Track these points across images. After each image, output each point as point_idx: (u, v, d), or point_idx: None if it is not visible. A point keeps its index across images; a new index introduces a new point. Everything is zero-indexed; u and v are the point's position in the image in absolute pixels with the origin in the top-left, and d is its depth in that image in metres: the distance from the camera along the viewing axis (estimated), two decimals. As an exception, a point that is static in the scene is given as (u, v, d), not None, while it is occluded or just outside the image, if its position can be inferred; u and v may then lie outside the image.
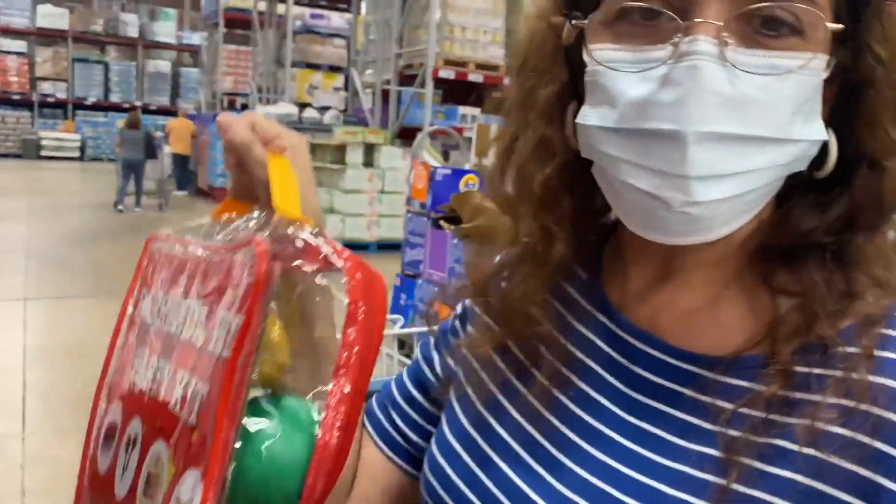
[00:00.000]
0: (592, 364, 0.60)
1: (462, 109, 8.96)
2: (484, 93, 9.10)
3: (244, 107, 15.67)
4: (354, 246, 8.58)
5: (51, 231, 8.58)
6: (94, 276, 6.61)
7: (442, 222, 4.17)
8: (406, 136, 8.96)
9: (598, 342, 0.60)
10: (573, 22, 0.54)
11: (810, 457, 0.48)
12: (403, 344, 1.97)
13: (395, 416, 0.72)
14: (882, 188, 0.51)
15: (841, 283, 0.52)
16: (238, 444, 0.44)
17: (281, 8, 12.96)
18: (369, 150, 8.58)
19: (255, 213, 0.54)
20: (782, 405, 0.50)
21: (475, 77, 8.29)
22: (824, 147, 0.51)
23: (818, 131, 0.50)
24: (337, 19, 13.20)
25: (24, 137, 19.33)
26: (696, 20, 0.47)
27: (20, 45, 20.46)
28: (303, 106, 11.74)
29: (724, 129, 0.47)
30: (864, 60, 0.50)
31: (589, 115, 0.52)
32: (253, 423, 0.46)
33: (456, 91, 9.16)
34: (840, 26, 0.49)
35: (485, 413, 0.62)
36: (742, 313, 0.55)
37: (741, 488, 0.49)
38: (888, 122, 0.51)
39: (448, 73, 8.10)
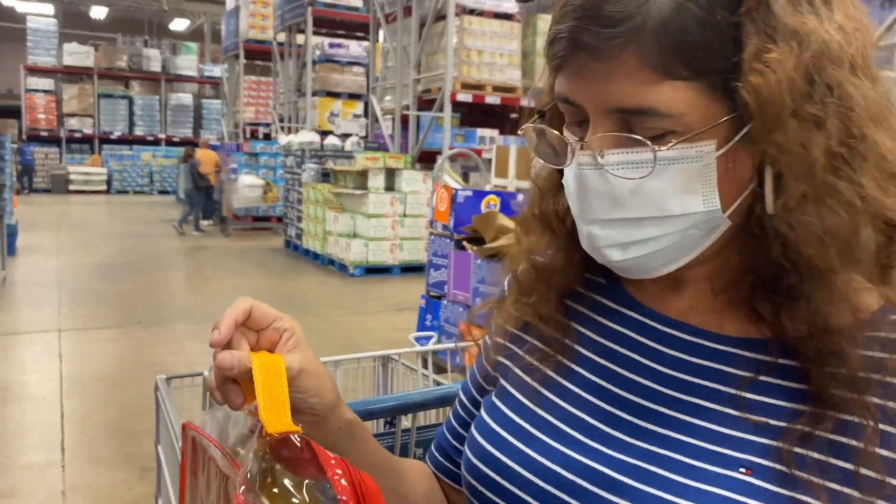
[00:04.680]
0: (628, 352, 0.67)
1: (480, 132, 9.05)
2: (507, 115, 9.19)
3: (266, 136, 15.91)
4: (378, 269, 8.68)
5: (81, 263, 8.76)
6: (124, 306, 6.75)
7: (465, 243, 4.23)
8: (426, 159, 9.07)
9: (630, 333, 0.67)
10: (539, 117, 0.68)
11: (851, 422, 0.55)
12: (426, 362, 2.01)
13: (449, 453, 0.81)
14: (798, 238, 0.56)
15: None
16: None
17: (300, 38, 13.20)
18: (390, 174, 8.69)
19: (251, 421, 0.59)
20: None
21: (492, 99, 8.38)
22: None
23: (707, 204, 0.58)
24: (355, 48, 13.40)
25: (53, 173, 19.77)
26: (579, 140, 0.61)
27: (48, 83, 20.99)
28: (324, 133, 11.91)
29: (607, 216, 0.60)
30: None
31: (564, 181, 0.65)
32: None
33: (474, 114, 9.26)
34: (698, 130, 0.56)
35: (528, 404, 0.69)
36: (747, 321, 0.63)
37: (796, 448, 0.56)
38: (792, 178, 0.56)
39: (466, 97, 8.20)
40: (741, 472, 0.56)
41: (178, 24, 24.95)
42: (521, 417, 0.68)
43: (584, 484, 0.61)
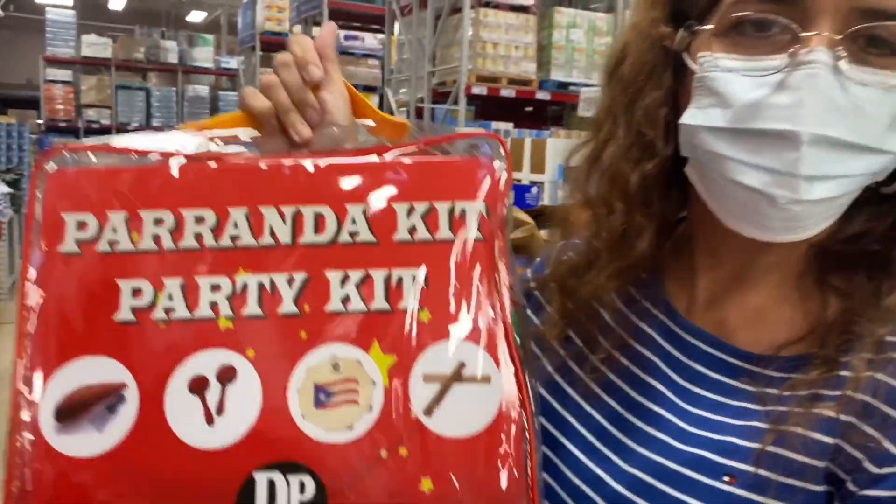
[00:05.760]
0: (651, 356, 0.64)
1: (495, 125, 9.02)
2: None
3: (281, 128, 15.94)
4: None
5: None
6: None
7: (478, 236, 4.22)
8: (440, 152, 9.04)
9: (658, 338, 0.64)
10: (694, 29, 0.56)
11: (846, 422, 0.52)
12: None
13: None
14: None
15: (886, 290, 0.56)
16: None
17: (316, 31, 13.21)
18: (404, 167, 8.67)
19: (334, 128, 0.59)
20: (824, 384, 0.54)
21: (507, 92, 8.34)
22: None
23: None
24: (371, 40, 13.39)
25: (71, 163, 19.91)
26: (812, 33, 0.50)
27: (66, 73, 21.15)
28: (339, 126, 11.91)
29: (834, 133, 0.50)
30: None
31: (696, 116, 0.55)
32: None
33: (488, 107, 9.22)
34: None
35: (546, 395, 0.66)
36: (797, 313, 0.60)
37: (782, 451, 0.53)
38: None
39: (481, 90, 8.17)
40: (725, 482, 0.54)
41: (195, 16, 25.06)
42: (543, 415, 0.64)
43: (594, 497, 0.60)
